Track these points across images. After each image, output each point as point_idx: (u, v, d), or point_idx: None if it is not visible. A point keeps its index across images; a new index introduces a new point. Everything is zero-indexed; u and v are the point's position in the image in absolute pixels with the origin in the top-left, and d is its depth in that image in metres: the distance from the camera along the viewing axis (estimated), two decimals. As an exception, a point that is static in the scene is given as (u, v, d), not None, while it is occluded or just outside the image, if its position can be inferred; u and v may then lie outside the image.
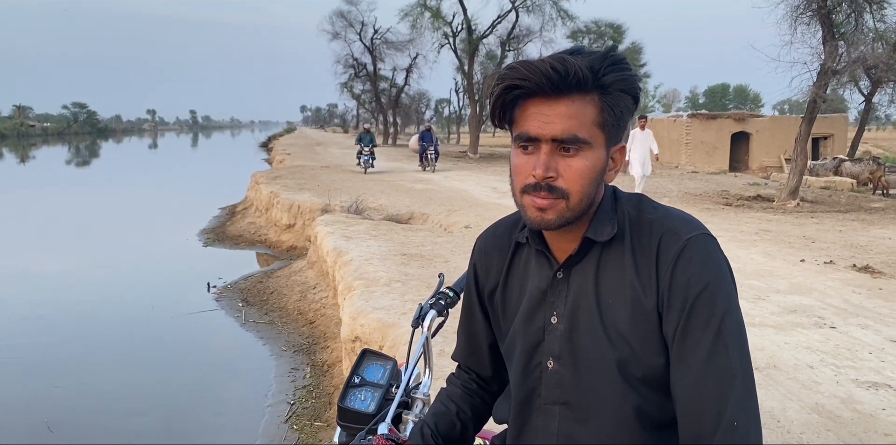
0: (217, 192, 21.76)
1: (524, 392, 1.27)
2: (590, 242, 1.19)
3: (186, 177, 33.79)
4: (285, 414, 5.82)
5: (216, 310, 9.05)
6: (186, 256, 13.11)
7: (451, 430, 1.39)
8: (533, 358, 1.25)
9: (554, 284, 1.23)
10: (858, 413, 3.70)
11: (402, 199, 13.38)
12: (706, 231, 1.17)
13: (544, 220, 1.14)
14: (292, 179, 17.12)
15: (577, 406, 1.22)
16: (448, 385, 1.49)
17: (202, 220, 16.40)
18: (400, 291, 5.99)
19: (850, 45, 13.86)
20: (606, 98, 1.11)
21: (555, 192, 1.12)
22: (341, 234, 8.79)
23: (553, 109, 1.09)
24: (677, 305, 1.11)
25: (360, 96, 50.41)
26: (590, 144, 1.11)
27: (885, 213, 12.32)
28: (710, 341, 1.09)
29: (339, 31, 40.64)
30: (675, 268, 1.12)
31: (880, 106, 22.19)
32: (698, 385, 1.09)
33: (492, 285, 1.35)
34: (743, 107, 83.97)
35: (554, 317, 1.22)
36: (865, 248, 8.47)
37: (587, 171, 1.12)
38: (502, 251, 1.34)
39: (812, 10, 13.53)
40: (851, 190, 17.54)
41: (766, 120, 25.97)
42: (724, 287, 1.13)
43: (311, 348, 7.29)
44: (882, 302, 5.90)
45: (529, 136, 1.11)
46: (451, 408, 1.42)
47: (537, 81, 1.08)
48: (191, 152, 72.37)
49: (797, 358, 4.52)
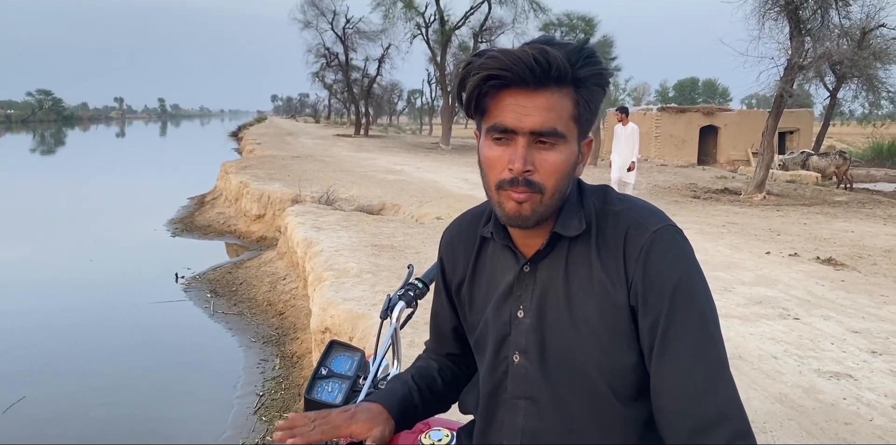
0: (186, 182, 21.47)
1: (491, 385, 1.26)
2: (557, 237, 1.18)
3: (154, 166, 33.26)
4: (254, 406, 5.79)
5: (184, 301, 8.95)
6: (154, 246, 12.93)
7: (432, 383, 1.40)
8: (500, 352, 1.24)
9: (521, 278, 1.22)
10: (820, 402, 3.78)
11: (373, 190, 13.32)
12: (671, 222, 1.16)
13: (521, 216, 1.12)
14: (262, 169, 16.96)
15: (541, 400, 1.20)
16: (425, 353, 1.51)
17: (170, 210, 16.17)
18: (370, 282, 5.97)
19: (816, 41, 14.07)
20: (582, 92, 1.10)
21: (532, 187, 1.10)
22: (312, 225, 8.74)
23: (531, 101, 1.07)
24: (654, 298, 1.10)
25: (332, 86, 49.98)
26: (565, 138, 1.10)
27: (848, 207, 12.57)
28: (697, 332, 1.09)
29: (310, 20, 40.19)
30: (647, 261, 1.11)
31: (845, 101, 22.53)
32: (689, 376, 1.07)
33: (459, 279, 1.34)
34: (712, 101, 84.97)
35: (520, 311, 1.21)
36: (829, 241, 8.64)
37: (562, 165, 1.11)
38: (468, 244, 1.32)
39: (779, 6, 13.71)
40: (816, 183, 17.86)
41: (735, 114, 26.30)
42: (700, 277, 1.13)
43: (280, 339, 7.24)
44: (844, 294, 6.03)
45: (506, 128, 1.09)
46: (432, 365, 1.43)
47: (519, 72, 1.05)
48: (159, 141, 71.29)
49: (762, 348, 4.60)
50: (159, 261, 11.50)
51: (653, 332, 1.11)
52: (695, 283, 1.11)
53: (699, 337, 1.08)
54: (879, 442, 3.33)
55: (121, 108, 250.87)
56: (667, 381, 1.09)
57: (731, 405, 1.06)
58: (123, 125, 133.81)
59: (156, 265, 11.27)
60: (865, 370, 4.23)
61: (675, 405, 1.08)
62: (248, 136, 40.41)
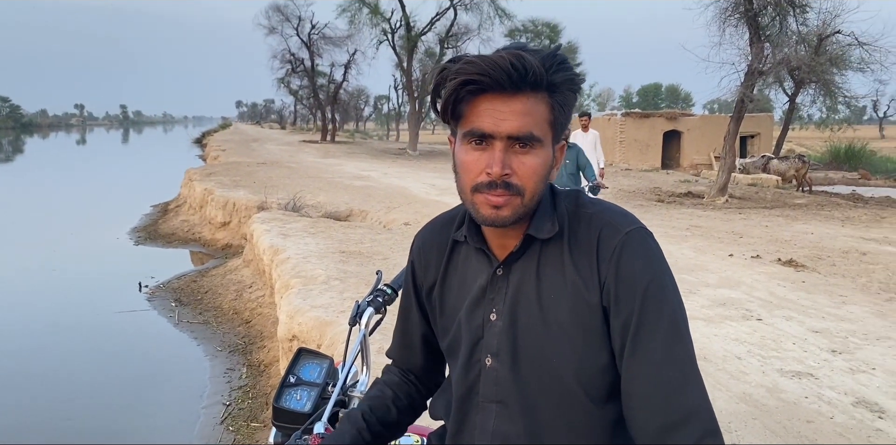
0: (149, 190, 21.13)
1: (464, 389, 1.27)
2: (531, 239, 1.19)
3: (117, 173, 32.72)
4: (221, 416, 5.71)
5: (148, 311, 8.80)
6: (116, 255, 12.70)
7: (385, 414, 1.38)
8: (473, 356, 1.24)
9: (494, 281, 1.22)
10: (783, 401, 3.85)
11: (340, 196, 13.27)
12: (642, 224, 1.18)
13: (500, 217, 1.12)
14: (227, 176, 16.78)
15: (512, 404, 1.21)
16: (384, 373, 1.48)
17: (133, 218, 15.91)
18: (338, 289, 5.94)
19: (775, 47, 14.40)
20: (556, 96, 1.12)
21: (511, 189, 1.11)
22: (278, 232, 8.66)
23: (508, 106, 1.08)
24: (626, 298, 1.11)
25: (298, 92, 49.67)
26: (542, 142, 1.12)
27: (808, 209, 12.84)
28: (666, 332, 1.10)
29: (275, 26, 39.93)
30: (619, 262, 1.13)
31: (803, 106, 23.03)
32: (659, 376, 1.08)
33: (430, 282, 1.34)
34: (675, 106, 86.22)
35: (493, 314, 1.22)
36: (790, 243, 8.81)
37: (540, 168, 1.12)
38: (440, 248, 1.33)
39: (739, 13, 14.00)
40: (777, 186, 18.22)
41: (697, 119, 26.73)
42: (670, 278, 1.15)
43: (247, 348, 7.16)
44: (805, 295, 6.15)
45: (483, 133, 1.10)
46: (386, 394, 1.41)
47: (497, 77, 1.06)
48: (121, 148, 70.17)
49: (726, 349, 4.67)
50: (122, 270, 11.30)
51: (624, 332, 1.12)
52: (665, 284, 1.13)
53: (669, 338, 1.10)
54: (840, 439, 3.40)
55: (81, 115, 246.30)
56: (637, 381, 1.10)
57: (700, 404, 1.08)
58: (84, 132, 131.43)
59: (118, 274, 11.07)
60: (826, 369, 4.33)
61: (645, 404, 1.09)
62: (213, 143, 39.98)
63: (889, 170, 25.80)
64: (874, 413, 3.69)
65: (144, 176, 30.12)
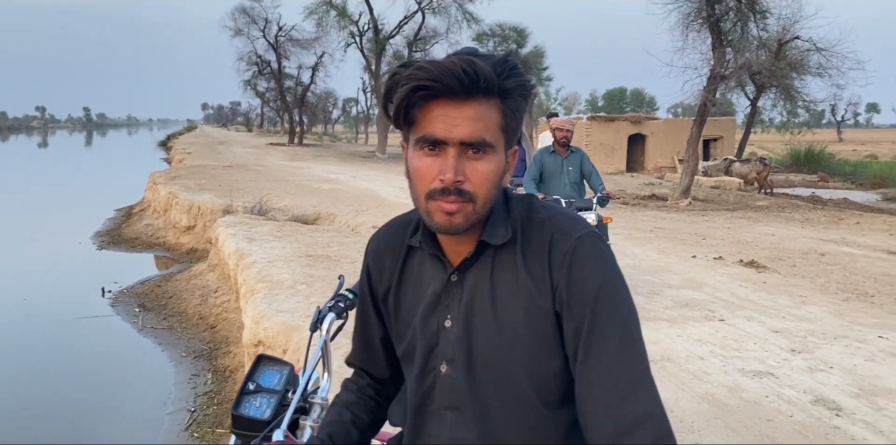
0: (112, 193, 20.76)
1: (419, 397, 1.26)
2: (484, 245, 1.19)
3: (79, 177, 32.12)
4: (185, 422, 5.63)
5: (111, 316, 8.65)
6: (79, 260, 12.46)
7: (346, 439, 1.36)
8: (428, 363, 1.24)
9: (448, 287, 1.22)
10: (744, 400, 3.92)
11: (308, 199, 13.18)
12: (593, 229, 1.19)
13: (453, 225, 1.12)
14: (192, 179, 16.58)
15: (467, 410, 1.21)
16: (343, 391, 1.46)
17: (96, 222, 15.61)
18: (305, 293, 5.90)
19: (736, 52, 14.68)
20: (508, 102, 1.12)
21: (464, 196, 1.10)
22: (244, 236, 8.58)
23: (460, 112, 1.08)
24: (578, 302, 1.12)
25: (265, 94, 49.22)
26: (494, 148, 1.12)
27: (769, 211, 13.09)
28: (618, 335, 1.11)
29: (241, 28, 39.62)
30: (571, 267, 1.13)
31: (764, 110, 23.53)
32: (611, 379, 1.09)
33: (385, 287, 1.33)
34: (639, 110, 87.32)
35: (448, 320, 1.21)
36: (751, 244, 8.97)
37: (492, 174, 1.12)
38: (395, 253, 1.32)
39: (702, 18, 14.24)
40: (739, 189, 18.52)
41: (661, 122, 27.06)
42: (621, 282, 1.16)
43: (212, 353, 7.07)
44: (766, 295, 6.27)
45: (436, 139, 1.09)
46: (345, 417, 1.39)
47: (449, 83, 1.06)
48: (84, 151, 68.82)
49: (689, 349, 4.74)
50: (85, 275, 11.09)
51: (577, 337, 1.13)
52: (616, 288, 1.14)
53: (621, 341, 1.11)
54: (799, 436, 3.47)
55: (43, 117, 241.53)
56: (590, 386, 1.11)
57: (653, 407, 1.09)
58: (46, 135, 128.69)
59: (81, 279, 10.86)
60: (786, 368, 4.41)
61: (599, 408, 1.10)
62: (178, 146, 39.48)
63: (847, 172, 26.38)
64: (831, 410, 3.77)
65: (108, 179, 29.61)
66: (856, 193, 20.14)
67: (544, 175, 6.48)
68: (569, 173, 6.45)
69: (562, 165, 6.46)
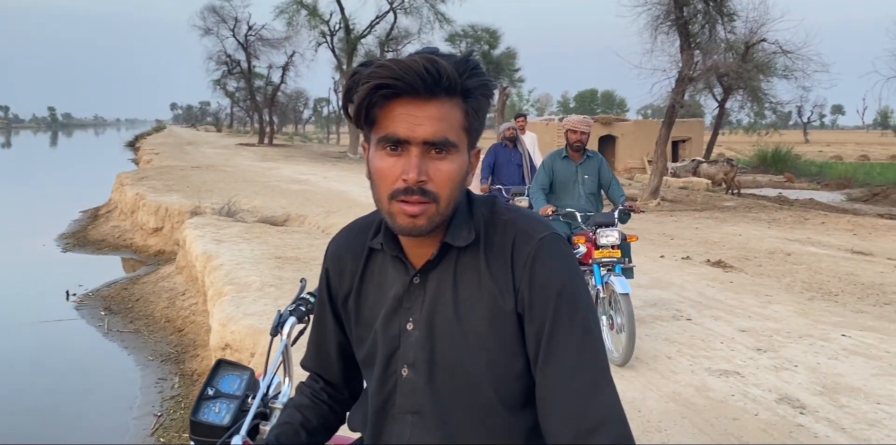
0: (78, 195, 20.40)
1: (380, 401, 1.25)
2: (447, 247, 1.18)
3: (44, 178, 31.52)
4: (152, 427, 5.54)
5: (76, 320, 8.49)
6: (43, 262, 12.22)
7: (294, 440, 1.34)
8: (389, 367, 1.22)
9: (410, 290, 1.21)
10: (711, 399, 3.96)
11: (277, 201, 13.08)
12: (556, 230, 1.18)
13: (416, 227, 1.11)
14: (160, 180, 16.37)
15: (428, 414, 1.20)
16: (297, 394, 1.45)
17: (61, 224, 15.33)
18: (273, 296, 5.85)
19: (704, 54, 14.87)
20: (471, 102, 1.11)
21: (427, 196, 1.09)
22: (212, 238, 8.48)
23: (423, 111, 1.07)
24: (540, 304, 1.12)
25: (235, 94, 48.78)
26: (458, 148, 1.10)
27: (736, 211, 13.27)
28: (579, 338, 1.10)
29: (211, 27, 39.28)
30: (533, 268, 1.13)
31: (732, 111, 23.87)
32: (572, 382, 1.09)
33: (345, 291, 1.31)
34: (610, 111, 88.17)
35: (409, 324, 1.20)
36: (718, 244, 9.08)
37: (455, 175, 1.11)
38: (355, 256, 1.30)
39: (671, 20, 14.41)
40: (707, 189, 18.75)
41: (631, 124, 27.33)
42: (582, 284, 1.15)
43: (179, 357, 6.98)
44: (732, 295, 6.35)
45: (398, 139, 1.08)
46: (295, 419, 1.37)
47: (411, 82, 1.04)
48: (49, 152, 67.59)
49: (657, 349, 4.78)
50: (49, 278, 10.87)
51: (538, 339, 1.12)
52: (577, 290, 1.14)
53: (581, 344, 1.11)
54: (764, 435, 3.51)
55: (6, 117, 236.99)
56: (550, 388, 1.11)
57: (612, 410, 1.09)
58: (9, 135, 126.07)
59: (45, 282, 10.64)
60: (752, 367, 4.47)
61: (559, 411, 1.09)
62: (146, 146, 38.97)
63: (812, 173, 26.85)
64: (796, 408, 3.83)
65: (73, 180, 29.09)
66: (821, 194, 20.51)
67: (555, 184, 5.47)
68: (584, 183, 5.47)
69: (576, 173, 5.45)
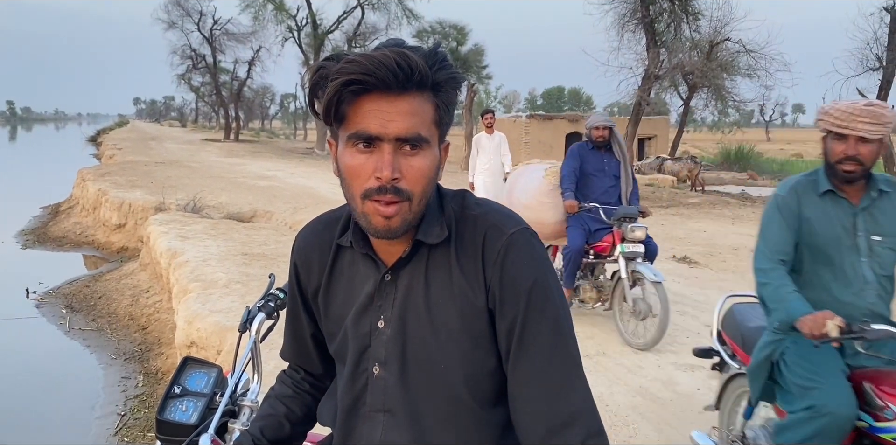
0: (38, 190, 19.95)
1: (350, 399, 1.23)
2: (419, 244, 1.16)
3: (2, 173, 30.77)
4: (115, 426, 5.44)
5: (36, 318, 8.30)
6: (1, 260, 11.93)
7: (279, 432, 1.33)
8: (360, 365, 1.21)
9: (381, 287, 1.19)
10: (677, 393, 4.01)
11: (244, 197, 12.94)
12: (527, 225, 1.17)
13: (391, 229, 1.09)
14: (123, 176, 16.08)
15: (399, 413, 1.18)
16: (278, 384, 1.43)
17: (20, 220, 14.96)
18: (240, 293, 5.78)
19: (670, 53, 15.05)
20: (441, 95, 1.09)
21: (400, 194, 1.07)
22: (177, 234, 8.36)
23: (394, 106, 1.04)
24: (511, 300, 1.11)
25: (200, 89, 48.03)
26: (429, 143, 1.09)
27: (701, 208, 13.45)
28: (550, 334, 1.10)
29: (175, 21, 38.63)
30: (504, 264, 1.12)
31: (697, 109, 24.13)
32: (544, 378, 1.09)
33: (314, 286, 1.29)
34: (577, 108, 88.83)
35: (381, 321, 1.18)
36: (684, 240, 9.20)
37: (428, 170, 1.09)
38: (322, 251, 1.27)
39: (637, 19, 14.55)
40: (672, 186, 18.98)
41: (598, 121, 27.51)
42: (553, 279, 1.15)
43: (143, 355, 6.86)
44: (699, 290, 6.43)
45: (370, 135, 1.05)
46: (279, 410, 1.36)
47: (383, 77, 1.01)
48: (8, 146, 66.00)
49: (623, 344, 4.82)
50: (8, 275, 10.61)
51: (509, 336, 1.12)
52: (549, 285, 1.13)
53: (553, 339, 1.10)
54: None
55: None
56: (522, 385, 1.10)
57: (584, 405, 1.09)
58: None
59: (3, 279, 10.39)
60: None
61: (531, 406, 1.09)
62: (108, 141, 38.28)
63: (774, 170, 27.34)
64: (759, 401, 3.88)
65: (33, 176, 28.42)
66: (782, 191, 20.82)
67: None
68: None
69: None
